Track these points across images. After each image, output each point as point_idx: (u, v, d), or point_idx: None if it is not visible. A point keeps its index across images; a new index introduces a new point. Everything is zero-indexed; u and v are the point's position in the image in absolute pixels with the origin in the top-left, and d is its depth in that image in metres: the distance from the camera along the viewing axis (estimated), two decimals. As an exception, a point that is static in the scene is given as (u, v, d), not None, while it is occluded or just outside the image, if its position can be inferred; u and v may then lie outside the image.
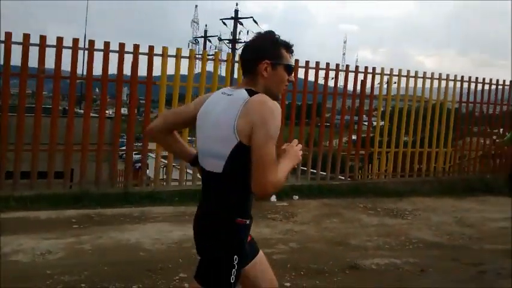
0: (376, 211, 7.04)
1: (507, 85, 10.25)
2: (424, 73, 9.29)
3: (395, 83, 9.18)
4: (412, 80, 9.13)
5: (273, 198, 7.25)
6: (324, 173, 8.54)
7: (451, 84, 9.64)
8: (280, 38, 2.04)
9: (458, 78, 9.71)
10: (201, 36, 38.62)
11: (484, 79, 9.92)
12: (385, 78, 8.95)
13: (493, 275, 4.46)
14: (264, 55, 1.99)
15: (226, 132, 1.88)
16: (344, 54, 71.92)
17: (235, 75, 8.76)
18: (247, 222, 2.01)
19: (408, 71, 9.11)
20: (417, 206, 7.52)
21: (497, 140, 10.15)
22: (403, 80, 9.12)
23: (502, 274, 4.48)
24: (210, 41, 37.19)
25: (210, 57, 9.28)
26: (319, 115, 8.73)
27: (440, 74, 9.49)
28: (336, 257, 4.76)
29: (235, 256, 1.96)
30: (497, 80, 10.04)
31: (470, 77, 9.81)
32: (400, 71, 8.98)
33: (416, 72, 9.20)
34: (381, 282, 4.23)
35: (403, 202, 7.78)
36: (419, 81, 9.21)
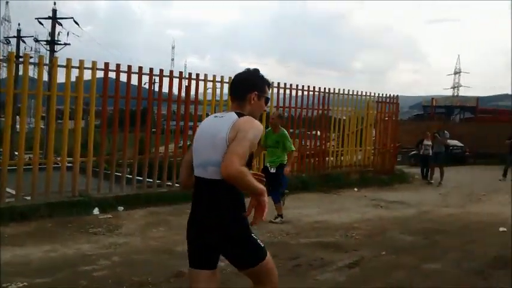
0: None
1: (317, 91, 11.32)
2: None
3: (219, 88, 9.46)
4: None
5: (96, 211, 6.86)
6: (151, 181, 8.35)
7: (271, 90, 10.29)
8: (264, 75, 2.61)
9: (276, 84, 10.41)
10: (14, 36, 34.81)
11: (297, 86, 10.83)
12: (210, 84, 9.17)
13: (306, 267, 4.82)
14: (254, 88, 2.54)
15: (221, 142, 2.34)
16: (173, 59, 71.94)
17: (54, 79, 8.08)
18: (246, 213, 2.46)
19: (231, 78, 9.46)
20: (242, 207, 7.80)
21: None
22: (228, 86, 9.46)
23: (314, 265, 4.88)
24: (24, 41, 33.73)
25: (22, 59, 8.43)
26: (145, 121, 8.52)
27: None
28: (161, 266, 4.67)
29: (251, 233, 2.50)
30: (309, 87, 11.06)
31: (285, 84, 10.59)
32: (222, 77, 9.25)
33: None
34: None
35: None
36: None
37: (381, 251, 5.47)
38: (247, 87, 2.55)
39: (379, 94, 13.05)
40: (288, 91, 10.68)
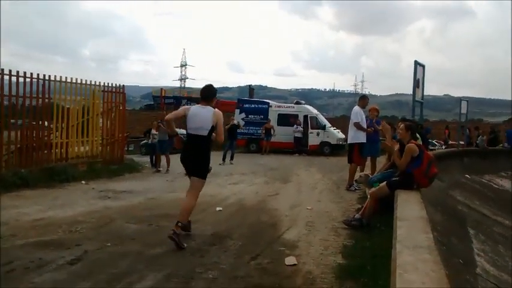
0: None
1: (41, 79, 10.42)
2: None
3: None
4: None
5: None
6: None
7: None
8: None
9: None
10: None
11: (10, 71, 9.71)
12: None
13: (21, 271, 4.38)
14: (215, 95, 5.73)
15: (208, 121, 5.45)
16: None
17: None
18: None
19: None
20: None
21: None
22: None
23: (31, 267, 4.47)
24: None
25: None
26: None
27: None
28: None
29: (209, 163, 5.74)
30: (25, 73, 10.07)
31: (10, 70, 9.44)
32: None
33: None
34: None
35: None
36: None
37: (106, 243, 5.40)
38: (213, 94, 5.67)
39: (104, 83, 12.83)
40: (12, 78, 9.52)
